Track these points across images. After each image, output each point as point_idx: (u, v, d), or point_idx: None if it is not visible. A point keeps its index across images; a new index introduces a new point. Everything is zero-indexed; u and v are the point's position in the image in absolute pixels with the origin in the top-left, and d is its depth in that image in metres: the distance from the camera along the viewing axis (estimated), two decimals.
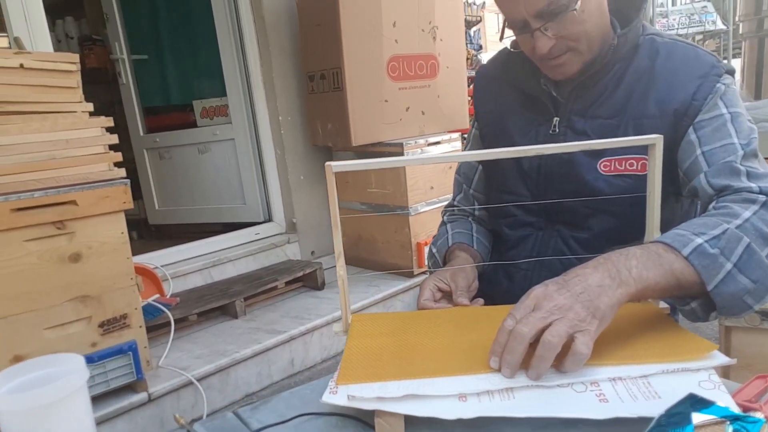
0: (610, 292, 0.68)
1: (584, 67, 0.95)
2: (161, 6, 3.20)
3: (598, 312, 0.66)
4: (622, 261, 0.71)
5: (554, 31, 0.89)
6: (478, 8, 5.25)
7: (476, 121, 1.18)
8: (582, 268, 0.71)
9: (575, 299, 0.66)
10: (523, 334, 0.64)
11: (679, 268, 0.73)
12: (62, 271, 1.59)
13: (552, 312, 0.65)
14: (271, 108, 2.84)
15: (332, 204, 0.75)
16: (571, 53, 0.92)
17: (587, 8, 0.88)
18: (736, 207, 0.80)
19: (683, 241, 0.74)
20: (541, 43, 0.90)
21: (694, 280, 0.73)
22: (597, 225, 0.97)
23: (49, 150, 1.58)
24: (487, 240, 1.15)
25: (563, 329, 0.64)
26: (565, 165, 0.98)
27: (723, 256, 0.73)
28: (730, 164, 0.85)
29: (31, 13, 2.13)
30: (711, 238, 0.74)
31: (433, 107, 2.82)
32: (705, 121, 0.89)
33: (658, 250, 0.74)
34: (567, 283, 0.69)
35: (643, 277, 0.70)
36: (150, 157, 3.40)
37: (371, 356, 0.74)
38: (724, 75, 0.90)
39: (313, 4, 2.58)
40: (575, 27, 0.89)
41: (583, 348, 0.64)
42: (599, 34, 0.93)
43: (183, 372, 1.82)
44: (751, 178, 0.83)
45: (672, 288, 0.73)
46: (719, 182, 0.84)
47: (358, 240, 2.84)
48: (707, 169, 0.86)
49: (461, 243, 1.10)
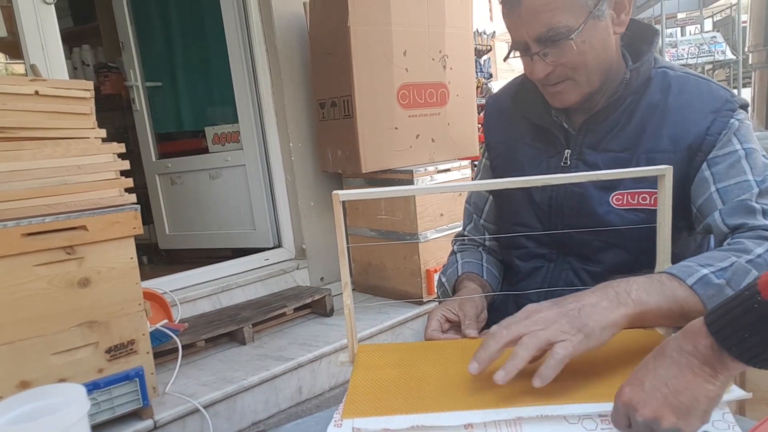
0: (604, 312, 0.69)
1: (585, 98, 0.95)
2: (175, 35, 3.26)
3: (585, 328, 0.67)
4: (622, 285, 0.72)
5: (553, 58, 0.90)
6: (488, 37, 5.30)
7: (486, 151, 1.17)
8: (581, 292, 0.73)
9: (563, 314, 0.68)
10: (501, 335, 0.67)
11: (683, 296, 0.73)
12: (71, 297, 1.59)
13: (536, 322, 0.68)
14: (282, 135, 2.86)
15: (339, 232, 0.75)
16: (570, 82, 0.93)
17: (588, 40, 0.88)
18: (749, 243, 0.79)
19: (688, 271, 0.75)
20: (539, 68, 0.91)
21: (699, 310, 0.72)
22: (609, 259, 0.97)
23: (61, 175, 1.60)
24: (498, 270, 1.14)
25: (543, 335, 0.66)
26: (577, 198, 0.97)
27: (729, 287, 0.73)
28: (744, 202, 0.84)
29: (48, 42, 2.18)
30: (717, 269, 0.75)
31: (443, 135, 2.83)
32: (719, 157, 0.88)
33: (661, 278, 0.74)
34: (561, 301, 0.71)
35: (643, 300, 0.71)
36: (161, 182, 3.43)
37: (377, 389, 0.72)
38: (738, 110, 0.90)
39: (324, 34, 2.61)
40: (574, 56, 0.89)
41: (560, 350, 0.64)
42: (601, 67, 0.93)
43: (189, 399, 1.80)
44: (766, 216, 0.82)
45: (675, 315, 0.73)
46: (734, 221, 0.84)
47: (367, 266, 2.82)
48: (722, 207, 0.86)
49: (471, 273, 1.09)
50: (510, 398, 0.67)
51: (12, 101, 1.55)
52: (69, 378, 1.59)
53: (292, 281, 2.84)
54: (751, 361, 0.55)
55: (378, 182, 2.67)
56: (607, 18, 0.90)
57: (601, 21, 0.89)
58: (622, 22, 0.92)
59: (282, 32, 2.76)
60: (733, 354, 0.55)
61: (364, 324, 2.38)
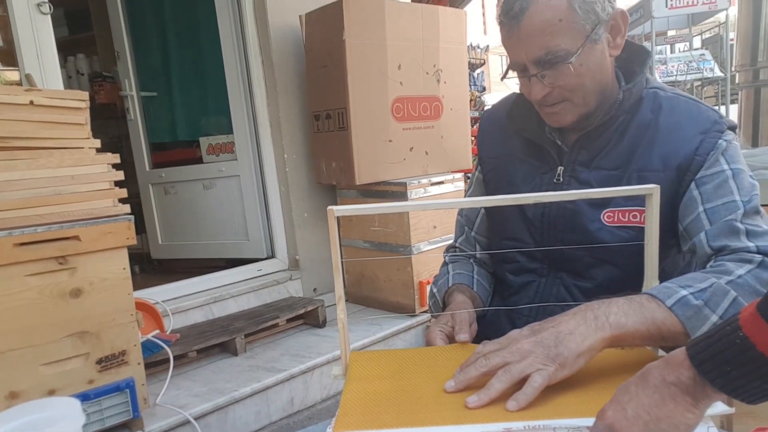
0: (579, 339, 0.72)
1: (581, 118, 0.96)
2: (171, 45, 3.27)
3: (559, 357, 0.70)
4: (602, 308, 0.75)
5: (550, 80, 0.91)
6: (482, 51, 5.36)
7: (479, 165, 1.19)
8: (562, 315, 0.76)
9: (539, 344, 0.72)
10: (481, 365, 0.73)
11: (661, 317, 0.75)
12: (62, 307, 1.58)
13: (513, 353, 0.72)
14: (277, 146, 2.87)
15: (333, 248, 0.75)
16: (567, 103, 0.94)
17: (585, 63, 0.90)
18: (730, 265, 0.81)
19: (668, 292, 0.77)
20: (537, 89, 0.93)
21: (678, 331, 0.75)
22: (600, 275, 0.98)
23: (54, 185, 1.60)
24: (488, 282, 1.15)
25: (517, 369, 0.70)
26: (569, 214, 0.99)
27: (708, 308, 0.75)
28: (730, 223, 0.86)
29: (44, 51, 2.19)
30: (696, 290, 0.76)
31: (437, 148, 2.85)
32: (707, 177, 0.90)
33: (641, 300, 0.76)
34: (539, 330, 0.74)
35: (621, 324, 0.73)
36: (155, 192, 3.43)
37: (369, 402, 0.73)
38: (726, 131, 0.92)
39: (320, 47, 2.63)
40: (571, 79, 0.91)
41: (538, 378, 0.69)
42: (597, 89, 0.95)
43: (180, 410, 1.79)
44: (750, 237, 0.84)
45: (654, 336, 0.75)
46: (717, 243, 0.86)
47: (360, 278, 2.83)
48: (708, 228, 0.87)
49: (461, 284, 1.10)
50: (500, 412, 0.68)
51: (6, 111, 1.55)
52: (59, 389, 1.58)
53: (285, 292, 2.84)
54: (733, 393, 0.56)
55: (372, 194, 2.69)
56: (604, 41, 0.92)
57: (598, 44, 0.91)
58: (617, 45, 0.94)
59: (278, 44, 2.78)
60: (716, 386, 0.57)
61: (356, 335, 2.38)
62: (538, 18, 0.87)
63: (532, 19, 0.88)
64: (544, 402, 0.69)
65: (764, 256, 0.81)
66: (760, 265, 0.80)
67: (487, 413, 0.68)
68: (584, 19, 0.88)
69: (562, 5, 0.87)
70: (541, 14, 0.87)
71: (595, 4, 0.88)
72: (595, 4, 0.88)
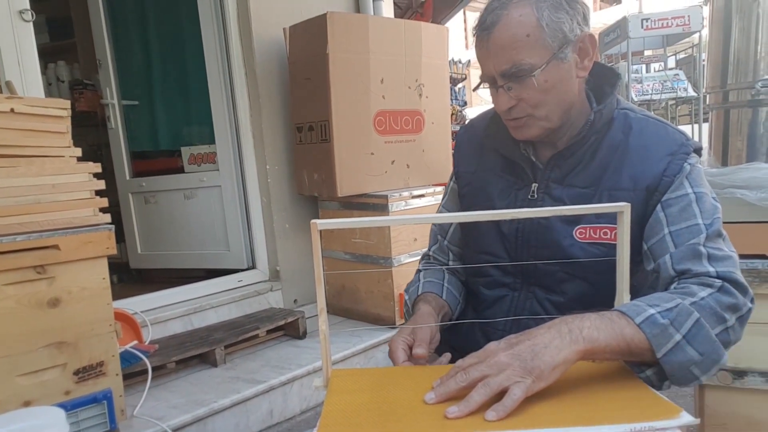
0: (554, 352, 0.75)
1: (544, 133, 1.00)
2: (154, 54, 3.27)
3: (535, 370, 0.73)
4: (576, 322, 0.78)
5: (515, 93, 0.95)
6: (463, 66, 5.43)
7: (456, 178, 1.21)
8: (538, 328, 0.79)
9: (516, 357, 0.75)
10: (460, 378, 0.75)
11: (630, 333, 0.78)
12: (40, 317, 1.57)
13: (491, 366, 0.75)
14: (259, 157, 2.88)
15: (316, 261, 0.77)
16: (529, 118, 0.98)
17: (550, 79, 0.94)
18: (694, 287, 0.85)
19: (637, 310, 0.80)
20: (502, 101, 0.97)
21: (644, 347, 0.79)
22: (571, 290, 1.01)
23: (34, 194, 1.59)
24: (458, 290, 1.17)
25: (496, 383, 0.73)
26: (543, 230, 1.01)
27: (673, 327, 0.79)
28: (693, 247, 0.90)
29: (25, 59, 2.17)
30: (663, 310, 0.80)
31: (418, 161, 2.88)
32: (672, 199, 0.94)
33: (611, 316, 0.80)
34: (516, 343, 0.77)
35: (593, 338, 0.77)
36: (135, 201, 3.40)
37: (350, 413, 0.74)
38: (692, 154, 0.96)
39: (303, 59, 2.66)
40: (535, 93, 0.95)
41: (517, 391, 0.71)
42: (562, 107, 0.98)
43: (158, 422, 1.78)
44: (711, 261, 0.88)
45: (623, 351, 0.79)
46: (681, 266, 0.90)
47: (341, 289, 2.84)
48: (673, 251, 0.91)
49: (430, 292, 1.12)
50: (478, 422, 0.70)
51: None
52: (35, 400, 1.56)
53: (266, 303, 2.84)
54: None
55: (353, 206, 2.70)
56: (571, 61, 0.95)
57: (564, 63, 0.94)
58: (585, 66, 0.98)
59: (261, 56, 2.79)
60: None
61: (337, 347, 2.38)
62: (507, 32, 0.92)
63: (501, 33, 0.92)
64: (521, 412, 0.71)
65: (723, 281, 0.85)
66: (720, 289, 0.85)
67: (466, 423, 0.70)
68: (551, 37, 0.92)
69: (531, 22, 0.91)
70: (510, 29, 0.91)
71: (563, 23, 0.92)
72: (563, 24, 0.92)
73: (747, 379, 1.50)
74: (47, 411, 0.64)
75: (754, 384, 1.50)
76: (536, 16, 0.91)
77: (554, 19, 0.92)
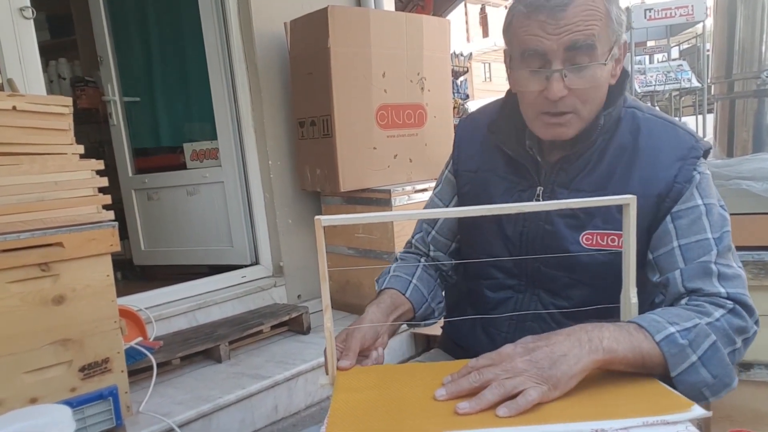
0: (573, 361, 0.74)
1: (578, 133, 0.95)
2: (155, 50, 3.26)
3: (551, 379, 0.72)
4: (596, 332, 0.77)
5: (570, 82, 0.89)
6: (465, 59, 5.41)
7: (454, 173, 1.17)
8: (556, 334, 0.78)
9: (533, 364, 0.74)
10: (474, 378, 0.75)
11: (647, 348, 0.78)
12: (44, 314, 1.57)
13: (507, 371, 0.74)
14: (261, 152, 2.87)
15: (321, 257, 0.76)
16: (574, 116, 0.92)
17: (603, 76, 0.91)
18: (708, 307, 0.84)
19: (657, 327, 0.79)
20: (557, 87, 0.88)
21: (658, 363, 0.78)
22: (576, 295, 0.99)
23: (37, 192, 1.59)
24: (428, 288, 1.12)
25: (510, 384, 0.72)
26: (548, 235, 0.99)
27: (690, 348, 0.79)
28: (704, 265, 0.88)
29: (26, 56, 2.17)
30: (683, 329, 0.80)
31: (421, 155, 2.88)
32: (682, 211, 0.92)
33: (629, 329, 0.79)
34: (533, 349, 0.76)
35: (612, 349, 0.76)
36: (138, 198, 3.40)
37: (358, 411, 0.74)
38: (701, 159, 0.94)
39: (305, 54, 2.65)
40: (588, 87, 0.90)
41: (533, 393, 0.71)
42: (596, 109, 0.95)
43: (164, 418, 1.78)
44: (722, 281, 0.87)
45: (637, 364, 0.78)
46: (692, 284, 0.88)
47: (345, 285, 2.83)
48: (683, 267, 0.90)
49: (391, 288, 1.09)
50: (489, 419, 0.70)
51: None
52: (41, 397, 1.56)
53: (270, 299, 2.84)
54: None
55: (356, 201, 2.70)
56: (611, 64, 0.93)
57: (609, 64, 0.92)
58: (615, 74, 0.96)
59: (262, 51, 2.78)
60: None
61: None
62: (585, 8, 0.87)
63: (578, 8, 0.87)
64: (531, 409, 0.71)
65: (735, 303, 0.85)
66: (731, 311, 0.84)
67: (476, 419, 0.70)
68: (612, 32, 0.90)
69: (602, 9, 0.88)
70: (589, 6, 0.87)
71: (622, 23, 0.91)
72: (622, 23, 0.90)
73: (753, 371, 1.50)
74: (53, 408, 0.64)
75: (760, 376, 1.50)
76: (606, 7, 0.89)
77: (618, 14, 0.90)
